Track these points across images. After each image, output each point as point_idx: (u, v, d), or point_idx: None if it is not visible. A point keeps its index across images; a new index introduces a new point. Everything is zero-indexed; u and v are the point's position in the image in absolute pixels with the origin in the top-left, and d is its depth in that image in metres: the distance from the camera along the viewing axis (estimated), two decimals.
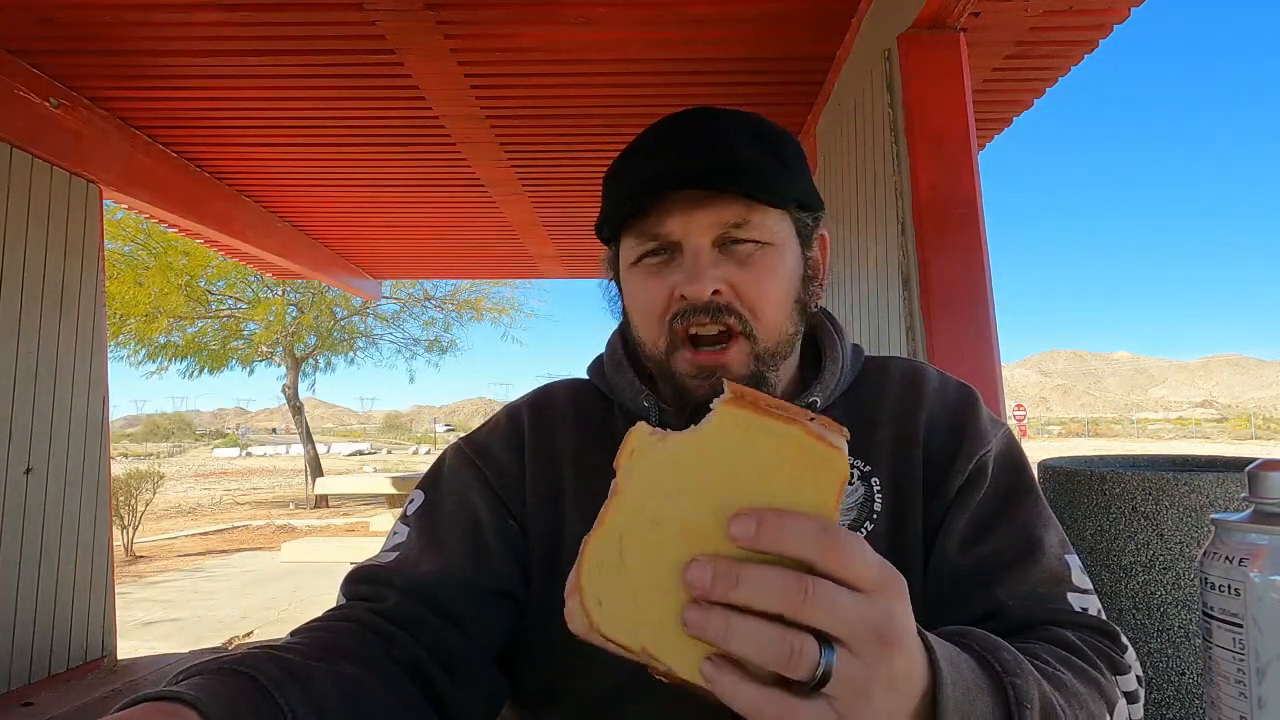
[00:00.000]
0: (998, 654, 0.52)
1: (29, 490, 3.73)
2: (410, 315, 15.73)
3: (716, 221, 0.71)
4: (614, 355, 0.85)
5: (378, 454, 41.29)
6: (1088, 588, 0.71)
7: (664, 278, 0.73)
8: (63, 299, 3.97)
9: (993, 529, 0.72)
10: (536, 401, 0.87)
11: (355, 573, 0.76)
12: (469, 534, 0.77)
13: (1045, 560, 0.70)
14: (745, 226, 0.72)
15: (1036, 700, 0.51)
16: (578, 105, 4.03)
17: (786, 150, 0.76)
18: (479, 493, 0.79)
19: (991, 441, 0.77)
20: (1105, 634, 0.68)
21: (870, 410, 0.80)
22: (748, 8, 3.13)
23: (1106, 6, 2.86)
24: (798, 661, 0.39)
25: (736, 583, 0.38)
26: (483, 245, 7.29)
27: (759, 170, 0.72)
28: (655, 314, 0.74)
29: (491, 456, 0.82)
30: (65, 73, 3.75)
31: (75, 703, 3.62)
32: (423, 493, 0.82)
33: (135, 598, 6.52)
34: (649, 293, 0.74)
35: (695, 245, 0.72)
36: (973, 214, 2.55)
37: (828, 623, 0.39)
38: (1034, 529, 0.73)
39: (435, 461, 0.85)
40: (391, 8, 3.08)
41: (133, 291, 11.54)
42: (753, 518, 0.39)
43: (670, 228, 0.72)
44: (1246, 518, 0.52)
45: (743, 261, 0.72)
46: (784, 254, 0.75)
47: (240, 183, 5.37)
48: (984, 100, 3.71)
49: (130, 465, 12.82)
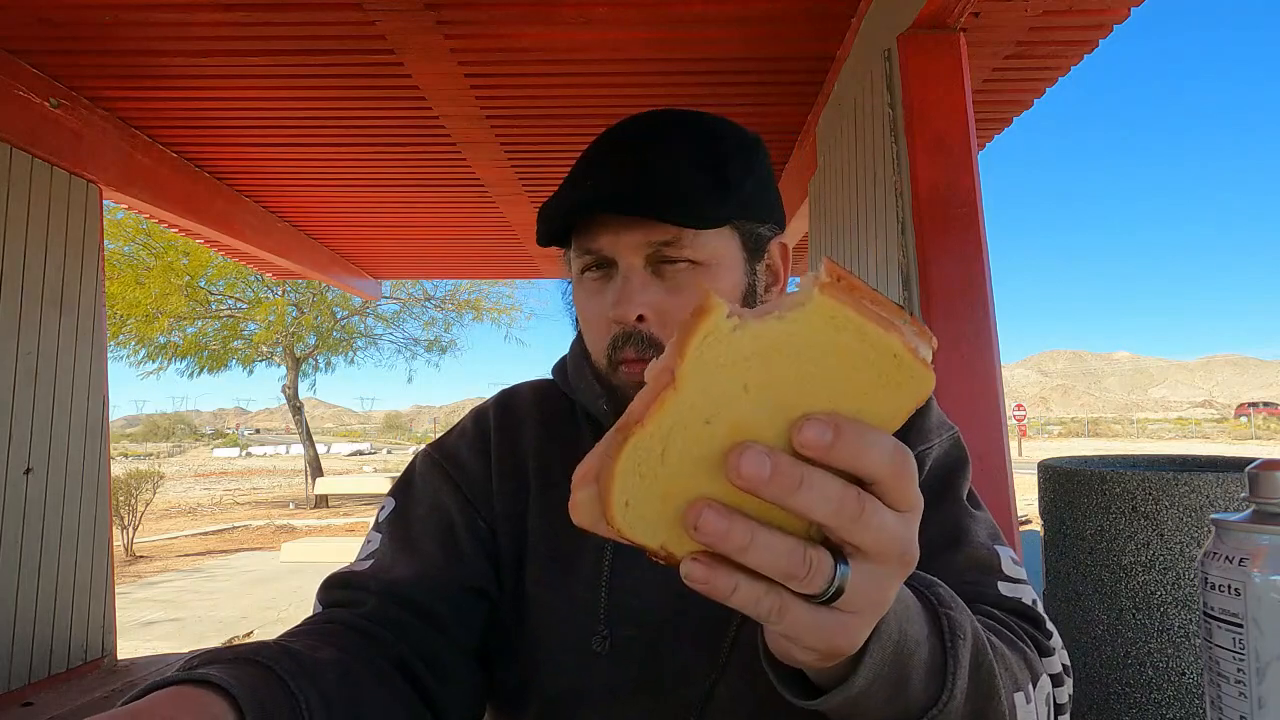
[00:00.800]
0: (934, 589, 0.53)
1: (29, 490, 3.73)
2: (410, 315, 15.76)
3: (645, 241, 0.71)
4: (576, 358, 0.85)
5: (378, 454, 41.31)
6: (1020, 578, 0.71)
7: (602, 296, 0.74)
8: (63, 299, 3.97)
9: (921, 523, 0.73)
10: (502, 402, 0.88)
11: (331, 580, 0.76)
12: (442, 536, 0.78)
13: (970, 550, 0.71)
14: (676, 245, 0.71)
15: (970, 633, 0.51)
16: (578, 105, 4.02)
17: (731, 166, 0.73)
18: (450, 496, 0.80)
19: (934, 441, 0.78)
20: (1030, 619, 0.68)
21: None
22: (747, 8, 3.13)
23: (1106, 6, 2.86)
24: (813, 577, 0.37)
25: (799, 484, 0.35)
26: (483, 245, 7.29)
27: (687, 196, 0.70)
28: (597, 332, 0.75)
29: (459, 461, 0.83)
30: (65, 73, 3.75)
31: (75, 703, 3.61)
32: (394, 499, 0.83)
33: (135, 598, 6.52)
34: (590, 310, 0.75)
35: (627, 265, 0.72)
36: (973, 214, 2.55)
37: (872, 541, 0.37)
38: (959, 519, 0.73)
39: (406, 468, 0.86)
40: (391, 8, 3.08)
41: (133, 291, 11.54)
42: (829, 424, 0.35)
43: (601, 244, 0.72)
44: (1246, 518, 0.52)
45: (672, 285, 0.72)
46: (720, 272, 0.73)
47: (240, 183, 5.37)
48: (984, 100, 3.71)
49: (130, 465, 12.81)
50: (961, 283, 2.52)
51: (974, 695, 0.52)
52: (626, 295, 0.71)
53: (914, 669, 0.48)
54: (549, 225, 0.73)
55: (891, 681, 0.47)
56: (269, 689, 0.53)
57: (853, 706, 0.47)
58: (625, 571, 0.75)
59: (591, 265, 0.74)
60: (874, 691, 0.47)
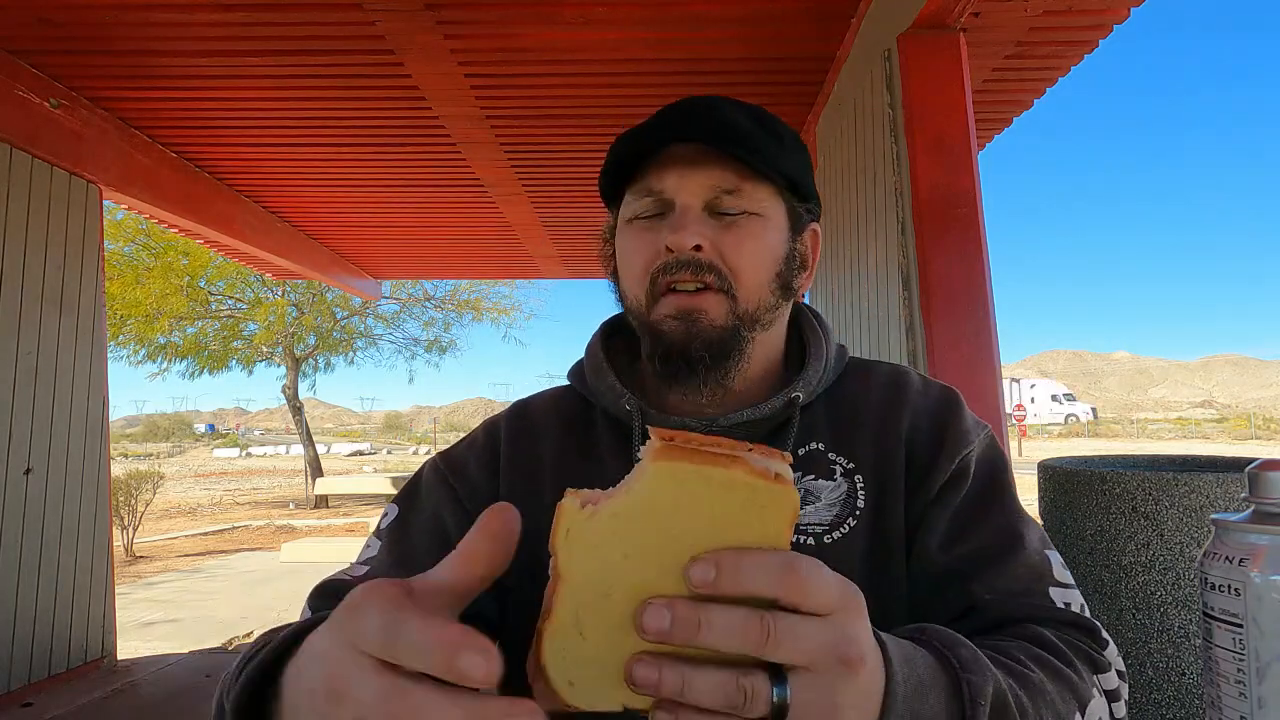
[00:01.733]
0: (956, 650, 0.52)
1: (29, 490, 3.73)
2: (410, 315, 15.75)
3: (710, 184, 0.74)
4: (594, 359, 0.83)
5: (377, 454, 41.31)
6: (1070, 583, 0.71)
7: (654, 233, 0.75)
8: (63, 299, 3.97)
9: (974, 527, 0.73)
10: (516, 413, 0.86)
11: (324, 587, 0.74)
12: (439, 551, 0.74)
13: (1026, 555, 0.71)
14: (736, 194, 0.74)
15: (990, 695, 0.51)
16: (578, 105, 4.03)
17: (782, 130, 0.79)
18: (450, 510, 0.78)
19: (974, 442, 0.77)
20: (1085, 630, 0.67)
21: (853, 408, 0.80)
22: (748, 8, 3.13)
23: (1106, 6, 2.86)
24: (754, 703, 0.39)
25: (699, 627, 0.38)
26: (483, 245, 7.30)
27: (753, 139, 0.74)
28: (641, 268, 0.75)
29: (465, 473, 0.81)
30: (65, 73, 3.75)
31: (75, 703, 3.62)
32: (397, 507, 0.81)
33: (135, 598, 6.52)
34: (638, 247, 0.76)
35: (686, 203, 0.74)
36: (973, 214, 2.55)
37: (792, 656, 0.39)
38: (1015, 525, 0.73)
39: (413, 475, 0.84)
40: (391, 8, 3.08)
41: (133, 291, 11.54)
42: (710, 561, 0.38)
43: (666, 184, 0.74)
44: (1246, 518, 0.52)
45: (729, 225, 0.74)
46: (770, 227, 0.76)
47: (240, 183, 5.38)
48: (984, 100, 3.71)
49: (130, 465, 12.82)
50: (961, 283, 2.52)
51: None
52: (684, 224, 0.73)
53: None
54: (622, 157, 0.75)
55: None
56: None
57: None
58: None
59: (644, 211, 0.76)
60: None
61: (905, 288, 2.65)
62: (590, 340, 0.87)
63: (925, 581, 0.73)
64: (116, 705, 3.66)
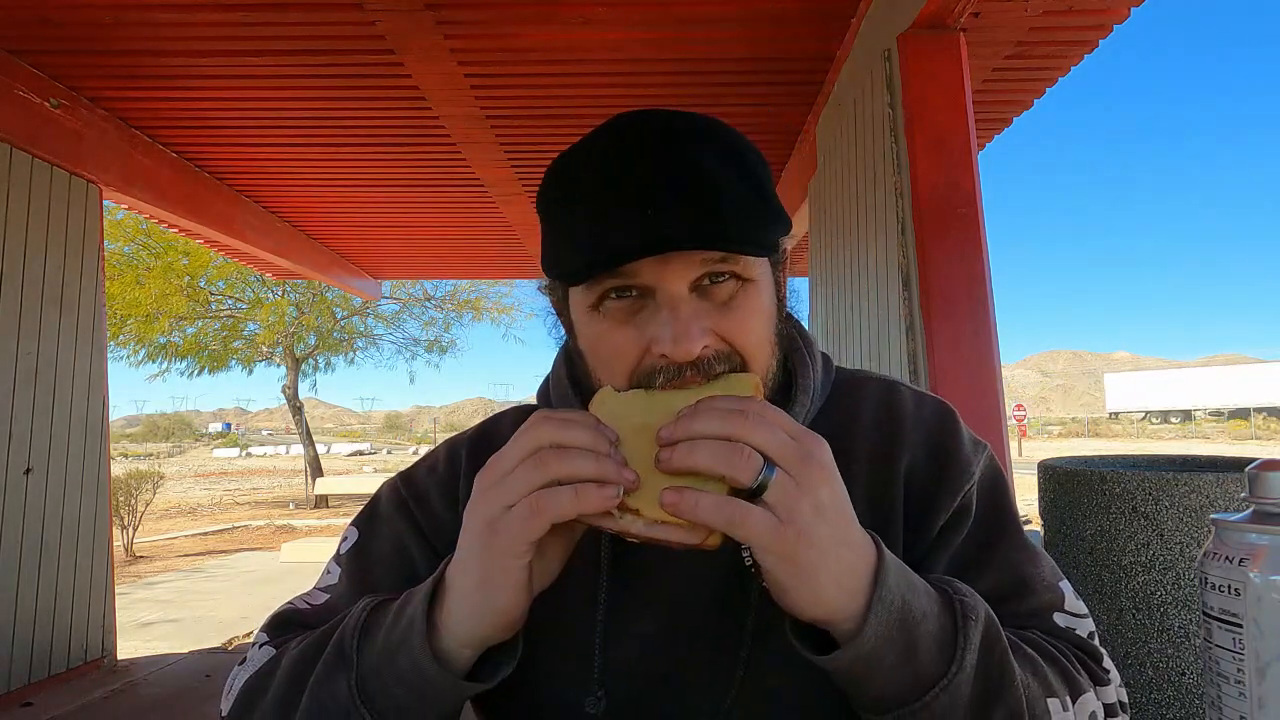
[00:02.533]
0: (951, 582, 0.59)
1: (29, 490, 3.73)
2: (410, 315, 15.75)
3: (698, 267, 0.62)
4: (559, 382, 0.78)
5: (378, 454, 41.31)
6: (1082, 613, 0.69)
7: (634, 327, 0.62)
8: (63, 299, 3.97)
9: (978, 569, 0.69)
10: (478, 439, 0.81)
11: (280, 616, 0.73)
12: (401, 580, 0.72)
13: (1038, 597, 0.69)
14: (726, 262, 0.63)
15: (983, 618, 0.56)
16: (578, 105, 4.03)
17: (766, 183, 0.66)
18: (413, 540, 0.75)
19: (975, 471, 0.73)
20: (1086, 650, 0.67)
21: (845, 441, 0.71)
22: (748, 8, 3.13)
23: (1106, 6, 2.86)
24: (744, 465, 0.51)
25: (694, 416, 0.53)
26: (483, 245, 7.30)
27: (746, 218, 0.62)
28: (624, 368, 0.63)
29: (426, 502, 0.77)
30: (65, 73, 3.75)
31: (75, 703, 3.62)
32: (357, 530, 0.78)
33: (135, 598, 6.52)
34: (616, 344, 0.63)
35: (673, 294, 0.61)
36: (973, 214, 2.55)
37: (764, 442, 0.52)
38: (1020, 567, 0.70)
39: (372, 497, 0.80)
40: (391, 8, 3.08)
41: (133, 291, 11.55)
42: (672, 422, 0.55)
43: (644, 276, 0.61)
44: (1246, 518, 0.52)
45: (725, 304, 0.63)
46: (763, 289, 0.66)
47: (240, 183, 5.37)
48: (984, 100, 3.70)
49: (130, 465, 12.82)
50: (961, 283, 2.52)
51: (984, 675, 0.55)
52: (683, 329, 0.60)
53: (922, 638, 0.54)
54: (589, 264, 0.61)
55: (899, 647, 0.53)
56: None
57: (865, 665, 0.54)
58: (620, 624, 0.69)
59: (613, 299, 0.63)
60: (882, 653, 0.53)
61: (905, 288, 2.65)
62: (555, 360, 0.81)
63: None
64: (116, 705, 3.66)
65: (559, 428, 0.55)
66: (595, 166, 0.64)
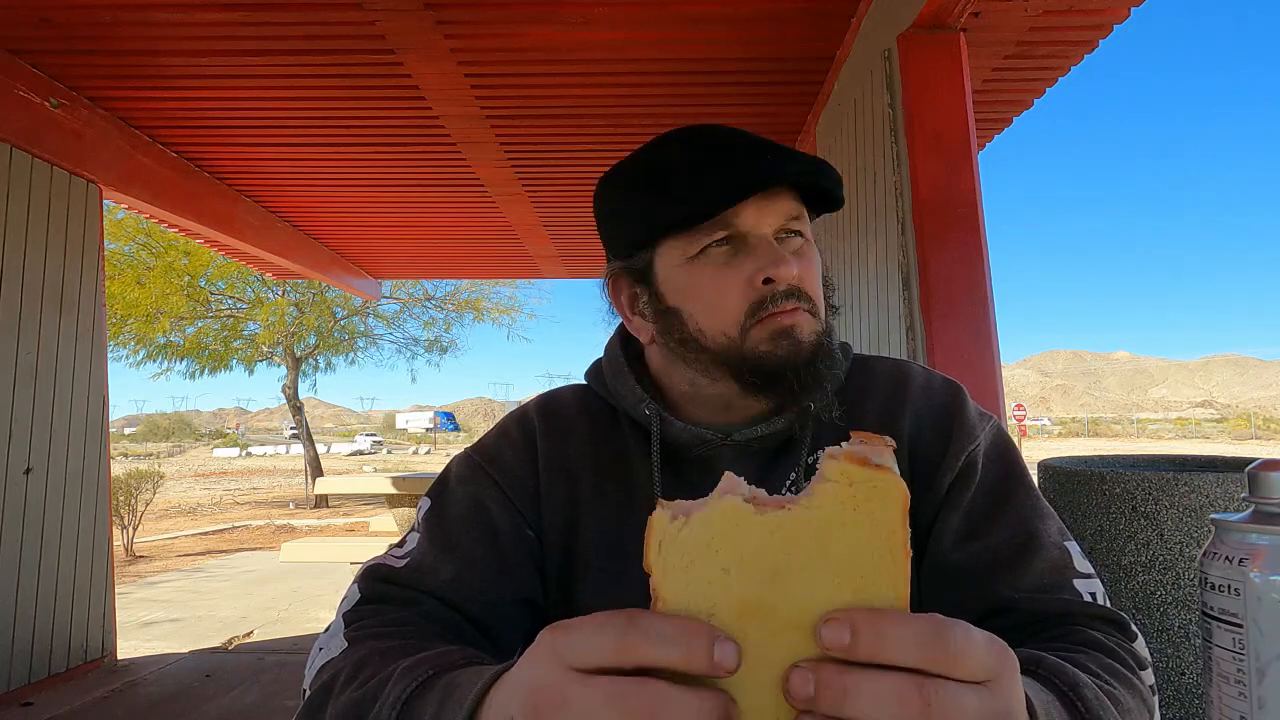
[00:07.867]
0: (1079, 691, 0.54)
1: (29, 490, 3.73)
2: (410, 315, 15.74)
3: (784, 213, 0.75)
4: (614, 362, 0.83)
5: (377, 454, 41.31)
6: (1090, 572, 0.71)
7: (736, 267, 0.74)
8: (63, 299, 3.97)
9: (987, 525, 0.72)
10: (546, 407, 0.85)
11: (374, 570, 0.74)
12: (485, 541, 0.76)
13: (1044, 551, 0.70)
14: (799, 220, 0.76)
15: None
16: (578, 105, 4.02)
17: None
18: (494, 500, 0.78)
19: (980, 436, 0.77)
20: (1116, 624, 0.67)
21: (856, 410, 0.79)
22: (748, 8, 3.13)
23: (1106, 6, 2.85)
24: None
25: (845, 694, 0.34)
26: (483, 245, 7.29)
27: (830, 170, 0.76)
28: (736, 303, 0.74)
29: (504, 464, 0.80)
30: (65, 73, 3.75)
31: (75, 703, 3.62)
32: (430, 499, 0.81)
33: (135, 598, 6.51)
34: (723, 282, 0.74)
35: (766, 235, 0.74)
36: (973, 214, 2.55)
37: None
38: (1029, 521, 0.73)
39: (442, 471, 0.84)
40: (391, 8, 3.08)
41: (133, 291, 11.53)
42: (844, 624, 0.35)
43: (745, 220, 0.74)
44: (1246, 518, 0.52)
45: (797, 253, 0.76)
46: (816, 250, 0.79)
47: (240, 183, 5.37)
48: (984, 100, 3.70)
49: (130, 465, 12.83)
50: (961, 283, 2.52)
51: None
52: (782, 258, 0.73)
53: None
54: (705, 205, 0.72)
55: None
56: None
57: None
58: None
59: (714, 242, 0.75)
60: None
61: (905, 287, 2.65)
62: (609, 342, 0.86)
63: (940, 581, 0.72)
64: (116, 705, 3.66)
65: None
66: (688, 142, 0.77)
